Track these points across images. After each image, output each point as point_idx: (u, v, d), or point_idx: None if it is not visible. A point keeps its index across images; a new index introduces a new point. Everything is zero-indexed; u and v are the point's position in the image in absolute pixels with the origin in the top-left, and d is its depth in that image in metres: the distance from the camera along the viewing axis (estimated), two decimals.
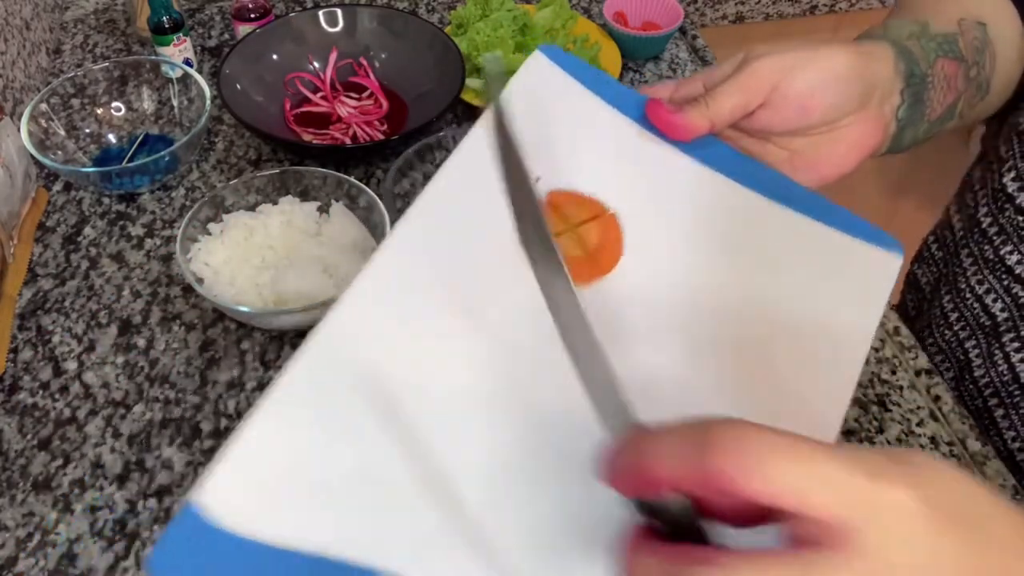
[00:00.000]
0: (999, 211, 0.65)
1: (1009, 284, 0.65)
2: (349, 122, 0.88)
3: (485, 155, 0.35)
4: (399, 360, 0.40)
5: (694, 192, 0.49)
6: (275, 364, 0.67)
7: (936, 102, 0.54)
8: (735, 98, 0.48)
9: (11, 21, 0.90)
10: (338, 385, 0.39)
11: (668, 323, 0.45)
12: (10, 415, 0.64)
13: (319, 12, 0.93)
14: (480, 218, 0.43)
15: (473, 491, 0.37)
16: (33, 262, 0.75)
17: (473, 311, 0.43)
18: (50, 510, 0.59)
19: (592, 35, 0.97)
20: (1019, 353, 0.65)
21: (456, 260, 0.45)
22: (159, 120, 0.87)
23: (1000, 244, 0.65)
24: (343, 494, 0.37)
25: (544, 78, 0.52)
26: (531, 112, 0.50)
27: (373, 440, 0.38)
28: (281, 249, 0.70)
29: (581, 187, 0.49)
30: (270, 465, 0.37)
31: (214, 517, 0.35)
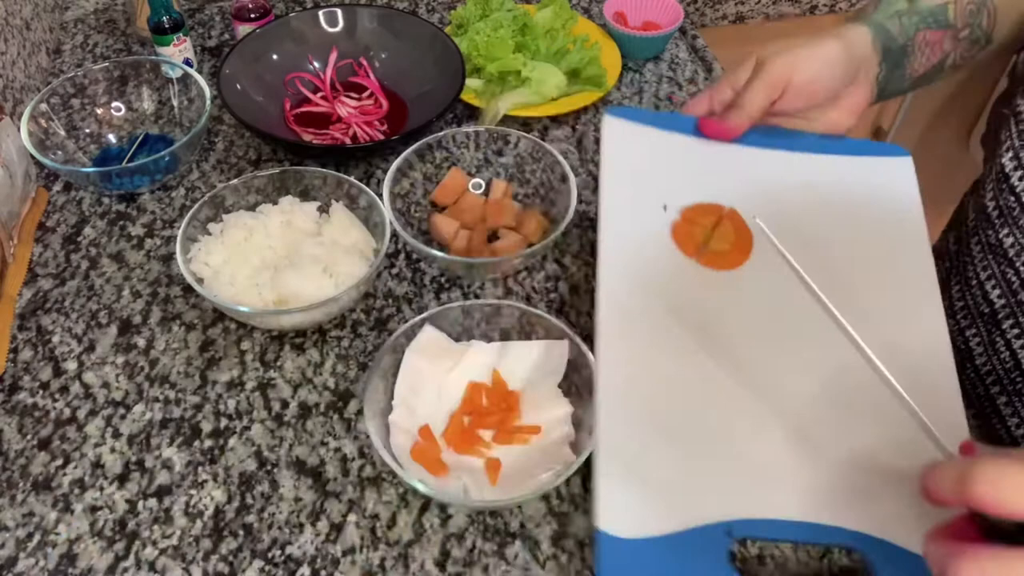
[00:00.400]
0: (999, 194, 0.67)
1: (1004, 269, 0.67)
2: (349, 122, 0.88)
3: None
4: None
5: (758, 168, 0.66)
6: (275, 364, 0.67)
7: (918, 64, 0.67)
8: (761, 96, 0.62)
9: (11, 21, 0.90)
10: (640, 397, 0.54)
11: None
12: (10, 415, 0.64)
13: (319, 12, 0.93)
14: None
15: (785, 439, 0.52)
16: (33, 262, 0.75)
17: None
18: (50, 510, 0.59)
19: (592, 35, 0.97)
20: (1020, 339, 0.66)
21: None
22: (159, 120, 0.87)
23: (1000, 227, 0.67)
24: (691, 469, 0.51)
25: (624, 134, 0.67)
26: (630, 162, 0.65)
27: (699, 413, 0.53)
28: (281, 249, 0.70)
29: (699, 198, 0.64)
30: (632, 472, 0.50)
31: (618, 534, 0.47)
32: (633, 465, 0.51)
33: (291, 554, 0.56)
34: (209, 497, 0.59)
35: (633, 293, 0.58)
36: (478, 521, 0.58)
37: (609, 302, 0.57)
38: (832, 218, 0.63)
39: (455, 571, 0.56)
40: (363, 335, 0.70)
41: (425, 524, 0.58)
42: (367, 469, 0.61)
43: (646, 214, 0.63)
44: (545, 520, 0.58)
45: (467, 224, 0.76)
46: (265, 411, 0.64)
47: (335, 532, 0.58)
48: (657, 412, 0.53)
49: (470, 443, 0.60)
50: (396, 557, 0.56)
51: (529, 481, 0.57)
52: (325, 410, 0.64)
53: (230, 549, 0.57)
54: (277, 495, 0.59)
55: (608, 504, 0.48)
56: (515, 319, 0.64)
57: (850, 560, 0.56)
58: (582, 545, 0.57)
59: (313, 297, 0.66)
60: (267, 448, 0.62)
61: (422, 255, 0.74)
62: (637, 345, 0.56)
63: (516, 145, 0.78)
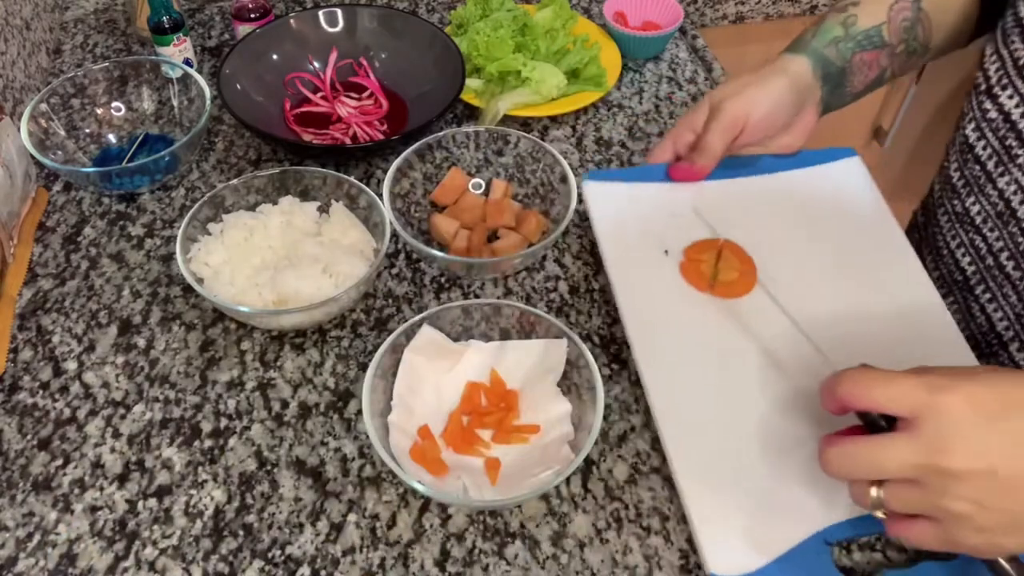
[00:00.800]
0: (963, 164, 0.71)
1: (972, 237, 0.71)
2: (349, 122, 0.88)
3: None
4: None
5: (731, 197, 0.72)
6: (275, 364, 0.67)
7: (857, 82, 0.74)
8: (722, 139, 0.69)
9: (11, 21, 0.90)
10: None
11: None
12: (10, 415, 0.64)
13: (319, 12, 0.93)
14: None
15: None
16: (33, 262, 0.75)
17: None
18: (50, 510, 0.59)
19: (592, 35, 0.97)
20: (992, 304, 0.71)
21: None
22: (159, 120, 0.87)
23: (965, 196, 0.71)
24: (772, 492, 0.55)
25: (606, 195, 0.72)
26: (620, 220, 0.70)
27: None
28: (281, 249, 0.70)
29: (693, 237, 0.69)
30: (723, 510, 0.55)
31: (731, 572, 0.52)
32: (721, 503, 0.55)
33: (291, 554, 0.56)
34: (209, 497, 0.59)
35: (664, 342, 0.62)
36: (478, 521, 0.58)
37: (646, 359, 0.61)
38: (809, 225, 0.71)
39: (455, 571, 0.56)
40: (363, 335, 0.70)
41: (425, 524, 0.58)
42: (367, 469, 0.61)
43: (651, 262, 0.68)
44: (545, 520, 0.58)
45: (467, 224, 0.76)
46: (265, 411, 0.64)
47: (335, 532, 0.58)
48: (726, 450, 0.57)
49: (469, 443, 0.60)
50: (396, 557, 0.56)
51: (529, 480, 0.57)
52: (325, 410, 0.64)
53: (230, 549, 0.57)
54: (277, 495, 0.59)
55: (712, 547, 0.53)
56: (515, 319, 0.64)
57: (851, 560, 0.56)
58: (582, 545, 0.57)
59: (313, 297, 0.66)
60: (267, 448, 0.62)
61: (422, 255, 0.74)
62: (685, 391, 0.60)
63: (516, 145, 0.78)
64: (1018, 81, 0.64)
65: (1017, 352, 0.70)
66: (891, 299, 0.65)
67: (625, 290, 0.66)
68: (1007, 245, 0.67)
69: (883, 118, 1.70)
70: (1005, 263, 0.68)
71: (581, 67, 0.92)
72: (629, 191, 0.72)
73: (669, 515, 0.58)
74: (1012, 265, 0.67)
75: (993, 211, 0.68)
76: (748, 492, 0.55)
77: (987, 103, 0.68)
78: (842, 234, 0.70)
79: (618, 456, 0.61)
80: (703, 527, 0.54)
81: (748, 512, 0.55)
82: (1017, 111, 0.65)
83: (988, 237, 0.69)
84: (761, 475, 0.56)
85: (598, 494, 0.59)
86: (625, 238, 0.69)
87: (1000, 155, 0.67)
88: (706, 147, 0.69)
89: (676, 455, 0.57)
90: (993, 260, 0.69)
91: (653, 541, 0.57)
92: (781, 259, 0.68)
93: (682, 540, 0.57)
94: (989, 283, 0.70)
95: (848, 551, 0.56)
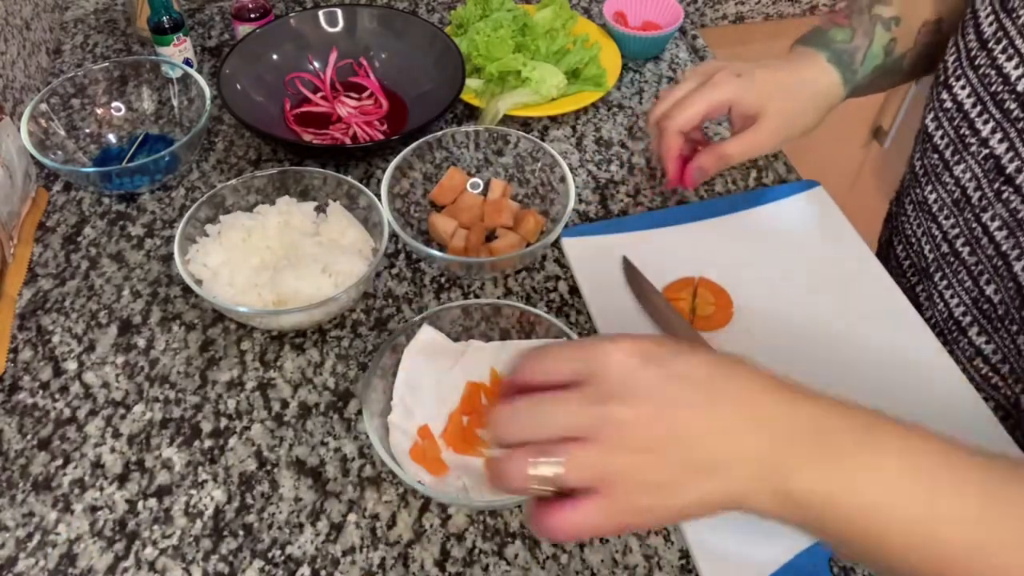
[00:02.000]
0: (923, 153, 0.73)
1: (929, 225, 0.73)
2: (349, 122, 0.88)
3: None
4: None
5: (704, 238, 0.77)
6: (275, 364, 0.67)
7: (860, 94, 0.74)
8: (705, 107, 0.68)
9: (11, 21, 0.90)
10: None
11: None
12: (10, 415, 0.64)
13: (319, 12, 0.93)
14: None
15: None
16: (33, 262, 0.75)
17: None
18: (50, 510, 0.59)
19: (592, 35, 0.97)
20: (948, 290, 0.73)
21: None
22: (159, 120, 0.87)
23: (925, 184, 0.73)
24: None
25: (585, 248, 0.75)
26: (601, 270, 0.73)
27: None
28: (279, 249, 0.70)
29: (669, 278, 0.72)
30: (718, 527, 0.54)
31: None
32: (716, 524, 0.55)
33: (291, 554, 0.56)
34: (209, 497, 0.59)
35: None
36: (478, 521, 0.58)
37: None
38: (779, 255, 0.75)
39: (455, 571, 0.56)
40: (363, 335, 0.70)
41: (425, 524, 0.58)
42: (367, 469, 0.61)
43: (634, 307, 0.70)
44: None
45: (465, 224, 0.76)
46: (265, 411, 0.64)
47: (335, 532, 0.58)
48: None
49: (469, 443, 0.60)
50: (396, 557, 0.56)
51: None
52: (325, 410, 0.64)
53: (230, 549, 0.57)
54: (277, 495, 0.59)
55: (711, 566, 0.54)
56: (514, 319, 0.64)
57: (851, 562, 0.56)
58: (582, 545, 0.57)
59: (312, 297, 0.66)
60: (267, 448, 0.62)
61: (420, 255, 0.74)
62: None
63: (516, 145, 0.78)
64: (970, 72, 0.66)
65: (977, 336, 0.71)
66: (862, 318, 0.69)
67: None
68: (963, 232, 0.69)
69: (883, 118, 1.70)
70: (960, 249, 0.70)
71: (581, 67, 0.91)
72: (606, 242, 0.76)
73: None
74: (968, 251, 0.69)
75: (950, 199, 0.70)
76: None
77: (943, 93, 0.69)
78: (811, 261, 0.74)
79: None
80: (700, 550, 0.55)
81: (743, 528, 0.55)
82: (969, 101, 0.66)
83: (944, 225, 0.71)
84: None
85: None
86: (608, 288, 0.72)
87: (956, 144, 0.68)
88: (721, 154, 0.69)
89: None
90: (948, 247, 0.71)
91: (653, 541, 0.57)
92: (755, 290, 0.71)
93: (682, 540, 0.57)
94: (945, 270, 0.72)
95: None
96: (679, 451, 0.38)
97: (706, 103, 0.68)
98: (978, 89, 0.65)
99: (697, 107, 0.68)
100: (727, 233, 0.77)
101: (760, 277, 0.73)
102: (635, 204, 0.82)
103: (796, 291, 0.72)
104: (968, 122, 0.67)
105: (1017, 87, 0.62)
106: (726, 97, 0.68)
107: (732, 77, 0.68)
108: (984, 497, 0.38)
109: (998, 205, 0.65)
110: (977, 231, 0.67)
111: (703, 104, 0.68)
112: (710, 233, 0.77)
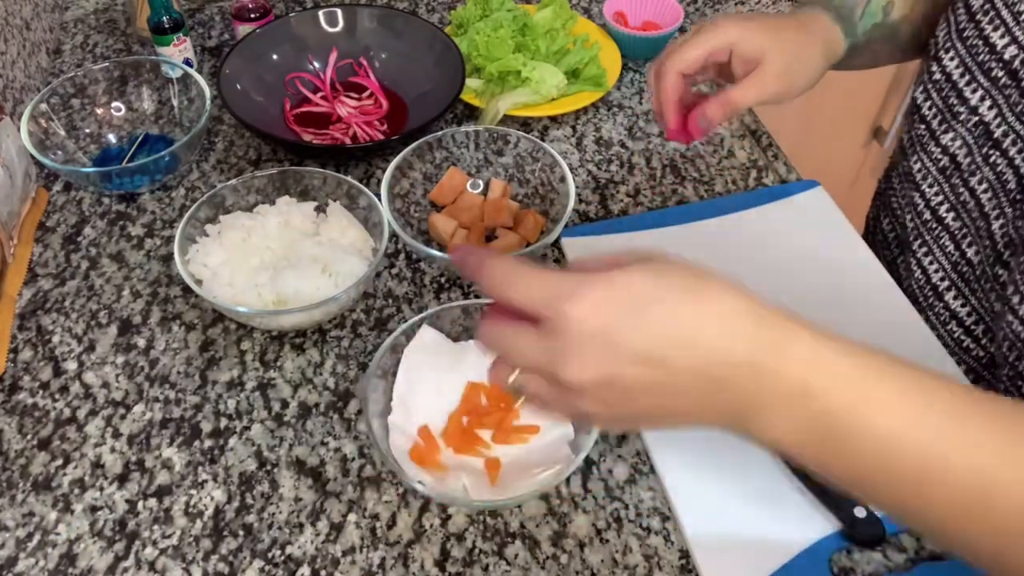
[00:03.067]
0: (911, 125, 0.75)
1: (910, 193, 0.75)
2: (349, 122, 0.88)
3: None
4: None
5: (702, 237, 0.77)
6: (275, 364, 0.67)
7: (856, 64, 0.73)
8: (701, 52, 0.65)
9: (11, 21, 0.90)
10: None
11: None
12: (10, 415, 0.64)
13: (319, 12, 0.93)
14: None
15: None
16: (33, 262, 0.75)
17: None
18: (50, 510, 0.59)
19: (592, 35, 0.97)
20: (927, 257, 0.75)
21: None
22: (159, 120, 0.87)
23: (911, 154, 0.75)
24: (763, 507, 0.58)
25: (585, 249, 0.75)
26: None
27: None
28: (279, 249, 0.70)
29: None
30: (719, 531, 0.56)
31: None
32: (716, 525, 0.57)
33: (291, 554, 0.56)
34: (209, 497, 0.59)
35: None
36: (478, 521, 0.58)
37: None
38: (779, 255, 0.75)
39: (455, 571, 0.56)
40: (363, 335, 0.70)
41: (425, 524, 0.58)
42: (367, 469, 0.61)
43: None
44: (545, 520, 0.58)
45: (465, 223, 0.76)
46: (265, 411, 0.64)
47: (335, 532, 0.58)
48: (723, 479, 0.59)
49: (469, 443, 0.60)
50: (396, 557, 0.56)
51: (528, 480, 0.57)
52: (325, 410, 0.64)
53: (230, 549, 0.57)
54: (277, 495, 0.59)
55: (711, 566, 0.55)
56: None
57: (851, 561, 0.56)
58: (582, 545, 0.57)
59: (312, 297, 0.66)
60: (267, 448, 0.62)
61: (421, 255, 0.74)
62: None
63: (516, 145, 0.78)
64: (959, 44, 0.68)
65: (953, 300, 0.73)
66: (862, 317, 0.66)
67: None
68: (947, 198, 0.71)
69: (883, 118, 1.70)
70: (944, 215, 0.72)
71: (581, 67, 0.91)
72: (606, 242, 0.76)
73: (669, 515, 0.58)
74: (952, 216, 0.71)
75: (935, 167, 0.72)
76: (743, 510, 0.57)
77: (933, 66, 0.71)
78: (811, 261, 0.74)
79: (618, 456, 0.61)
80: (702, 553, 0.55)
81: (743, 528, 0.56)
82: (957, 71, 0.69)
83: (927, 193, 0.73)
84: (757, 491, 0.58)
85: (598, 494, 0.59)
86: None
87: (944, 114, 0.70)
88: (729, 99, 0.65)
89: (674, 486, 0.59)
90: (932, 214, 0.73)
91: (653, 541, 0.57)
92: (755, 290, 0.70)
93: (682, 540, 0.57)
94: (926, 237, 0.75)
95: (848, 552, 0.56)
96: (634, 408, 0.41)
97: (707, 42, 0.65)
98: (966, 60, 0.68)
99: (698, 47, 0.65)
100: (727, 233, 0.77)
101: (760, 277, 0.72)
102: (635, 204, 0.82)
103: (796, 291, 0.70)
104: (956, 92, 0.69)
105: (1004, 55, 0.64)
106: (728, 39, 0.65)
107: (734, 20, 0.66)
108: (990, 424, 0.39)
109: (986, 169, 0.67)
110: (964, 195, 0.69)
111: (704, 44, 0.65)
112: (710, 233, 0.77)
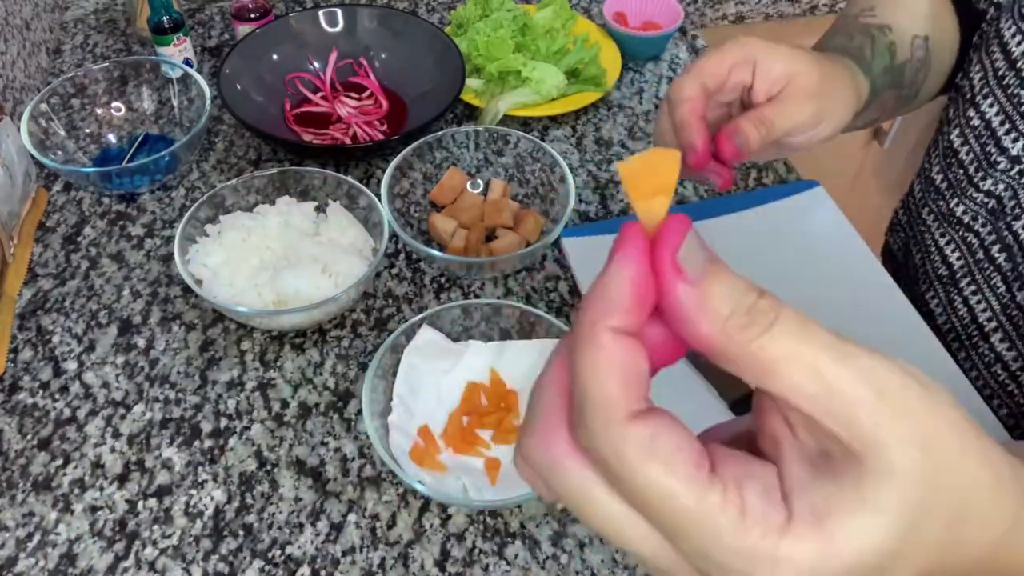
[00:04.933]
0: (947, 167, 0.73)
1: (963, 234, 0.73)
2: (349, 122, 0.88)
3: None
4: None
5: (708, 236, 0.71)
6: (275, 364, 0.67)
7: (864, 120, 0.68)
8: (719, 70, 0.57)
9: (11, 21, 0.90)
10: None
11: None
12: (10, 415, 0.64)
13: (319, 12, 0.93)
14: None
15: None
16: (33, 262, 0.75)
17: None
18: (50, 510, 0.59)
19: (592, 35, 0.97)
20: (975, 296, 0.73)
21: None
22: (159, 120, 0.87)
23: (950, 197, 0.73)
24: None
25: (585, 249, 0.74)
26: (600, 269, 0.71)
27: None
28: (279, 249, 0.70)
29: None
30: None
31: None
32: None
33: (291, 554, 0.56)
34: (209, 497, 0.59)
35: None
36: (478, 521, 0.58)
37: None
38: (781, 255, 0.75)
39: (455, 571, 0.56)
40: (363, 335, 0.70)
41: (425, 524, 0.58)
42: (367, 469, 0.61)
43: None
44: (545, 520, 0.58)
45: (465, 223, 0.76)
46: (265, 411, 0.64)
47: (335, 532, 0.58)
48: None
49: (469, 443, 0.60)
50: (396, 557, 0.56)
51: None
52: (325, 410, 0.64)
53: (230, 549, 0.57)
54: (277, 495, 0.59)
55: None
56: (514, 319, 0.64)
57: None
58: (582, 545, 0.57)
59: (312, 297, 0.66)
60: (267, 448, 0.62)
61: (421, 255, 0.74)
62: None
63: (516, 145, 0.78)
64: (998, 91, 0.66)
65: (999, 343, 0.71)
66: (862, 317, 0.64)
67: None
68: (999, 239, 0.69)
69: None
70: (997, 255, 0.70)
71: (581, 67, 0.91)
72: (605, 243, 0.74)
73: None
74: (1004, 257, 0.69)
75: (984, 209, 0.70)
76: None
77: (971, 111, 0.69)
78: (811, 261, 0.75)
79: None
80: None
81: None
82: (997, 119, 0.67)
83: (980, 232, 0.71)
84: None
85: None
86: None
87: (981, 161, 0.69)
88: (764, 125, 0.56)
89: None
90: (984, 254, 0.71)
91: None
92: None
93: None
94: (976, 275, 0.72)
95: None
96: None
97: (729, 52, 0.57)
98: (1007, 108, 0.65)
99: (719, 58, 0.56)
100: (727, 233, 0.77)
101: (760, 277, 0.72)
102: None
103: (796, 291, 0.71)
104: (995, 140, 0.67)
105: None
106: (752, 52, 0.56)
107: (757, 37, 0.57)
108: None
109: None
110: (1008, 239, 0.68)
111: (726, 54, 0.57)
112: (710, 233, 0.76)
